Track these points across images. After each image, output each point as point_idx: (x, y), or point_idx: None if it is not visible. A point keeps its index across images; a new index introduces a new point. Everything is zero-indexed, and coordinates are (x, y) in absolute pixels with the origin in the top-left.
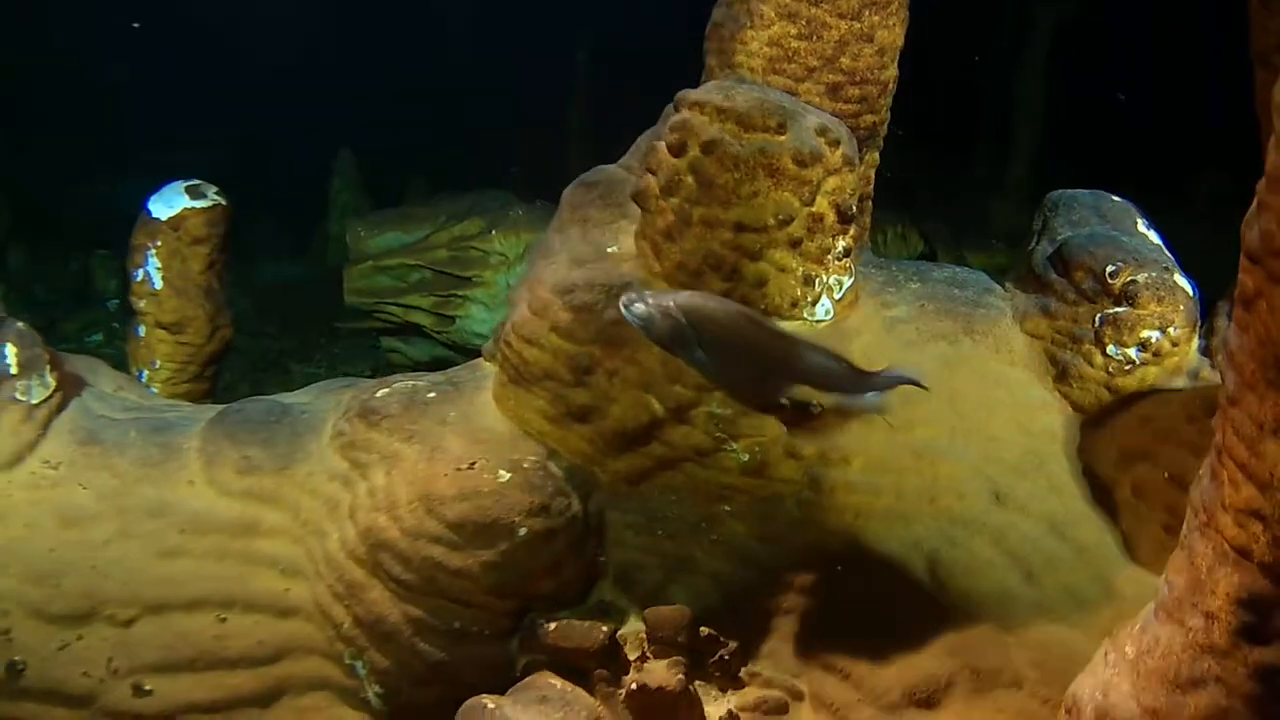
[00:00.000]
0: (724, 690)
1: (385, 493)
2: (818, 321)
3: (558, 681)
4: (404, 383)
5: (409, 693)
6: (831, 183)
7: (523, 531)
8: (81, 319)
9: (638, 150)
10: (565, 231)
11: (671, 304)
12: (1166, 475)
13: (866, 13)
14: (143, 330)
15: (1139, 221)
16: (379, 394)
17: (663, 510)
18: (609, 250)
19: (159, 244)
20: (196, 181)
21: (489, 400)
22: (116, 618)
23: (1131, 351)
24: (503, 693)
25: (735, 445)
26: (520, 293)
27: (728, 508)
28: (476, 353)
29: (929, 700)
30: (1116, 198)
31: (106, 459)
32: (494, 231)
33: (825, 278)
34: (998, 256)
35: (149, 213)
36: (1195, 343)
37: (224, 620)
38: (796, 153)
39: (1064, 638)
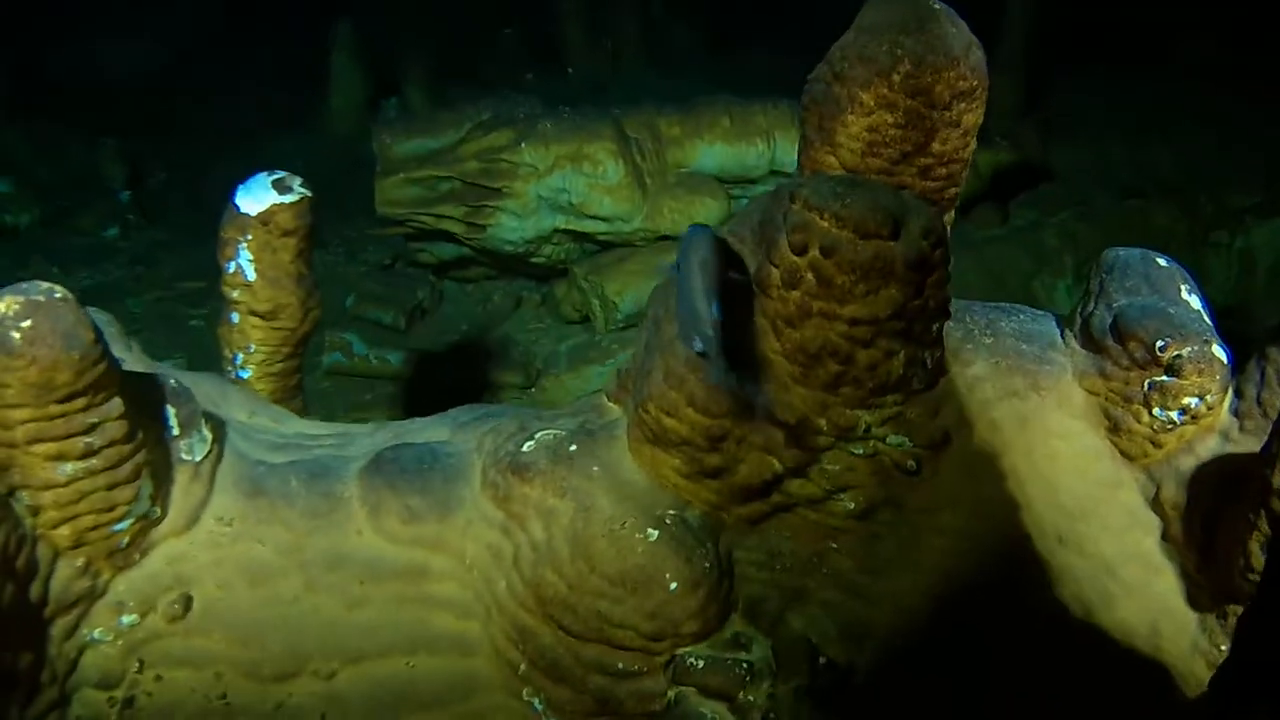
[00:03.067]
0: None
1: (547, 548)
2: (918, 392)
3: (709, 705)
4: (546, 434)
5: None
6: (934, 278)
7: (674, 586)
8: (95, 212)
9: (747, 220)
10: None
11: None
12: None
13: (955, 103)
14: (237, 318)
15: (1183, 287)
16: (525, 449)
17: (779, 547)
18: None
19: (250, 238)
20: (282, 174)
21: (624, 452)
22: (320, 672)
23: (1174, 414)
24: None
25: (844, 496)
26: (650, 359)
27: (835, 545)
28: (506, 258)
29: None
30: (1163, 261)
31: (276, 512)
32: (523, 144)
33: (926, 357)
34: (1001, 155)
35: (237, 208)
36: (1227, 403)
37: (412, 666)
38: (906, 257)
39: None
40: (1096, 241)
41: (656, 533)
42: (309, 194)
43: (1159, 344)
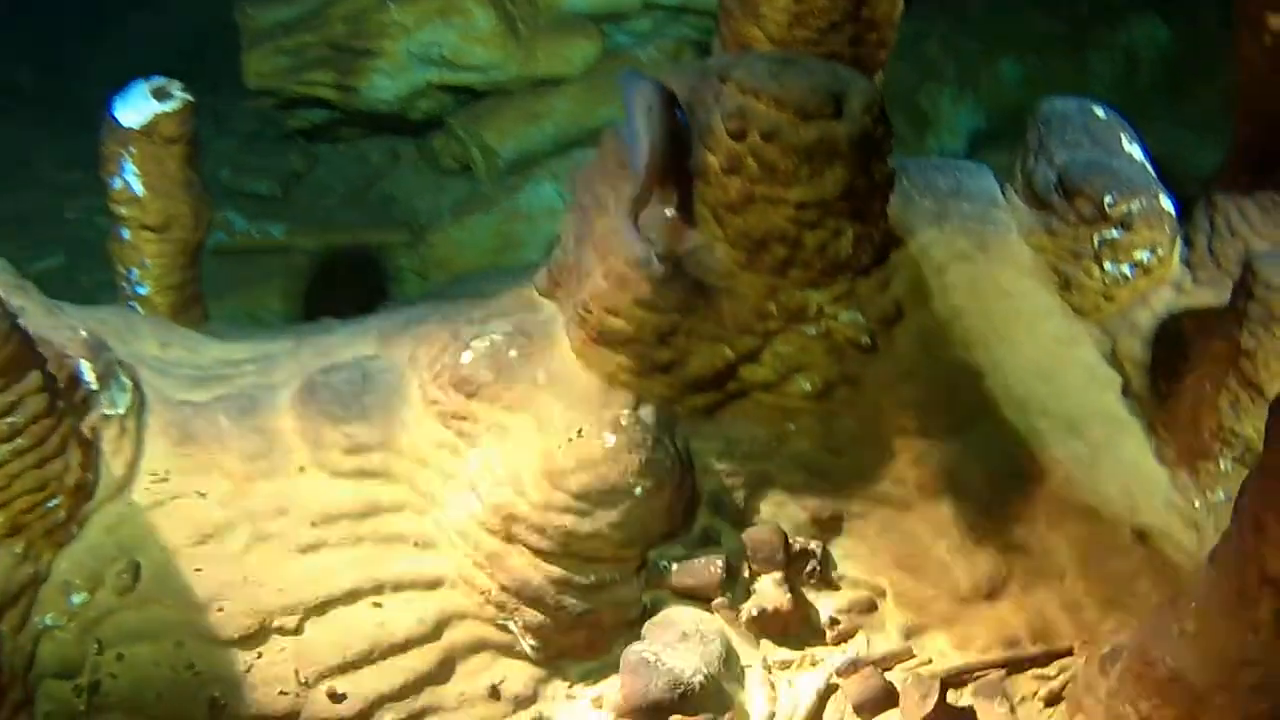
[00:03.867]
0: (817, 590)
1: (504, 467)
2: (868, 269)
3: (688, 613)
4: (482, 341)
5: (559, 640)
6: (879, 154)
7: (638, 490)
8: None
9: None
10: (615, 185)
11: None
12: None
13: None
14: (128, 233)
15: (1123, 137)
16: (465, 360)
17: (736, 434)
18: (668, 214)
19: (133, 151)
20: (160, 81)
21: (566, 352)
22: (286, 627)
23: (1125, 269)
24: (636, 628)
25: (799, 377)
26: (584, 255)
27: (793, 426)
28: (381, 118)
29: (992, 593)
30: (1101, 111)
31: (211, 457)
32: (389, 3)
33: (873, 232)
34: None
35: (116, 121)
36: (1177, 253)
37: (379, 605)
38: (850, 135)
39: (1093, 530)
40: (976, 50)
41: (614, 437)
42: (190, 98)
43: (1107, 199)
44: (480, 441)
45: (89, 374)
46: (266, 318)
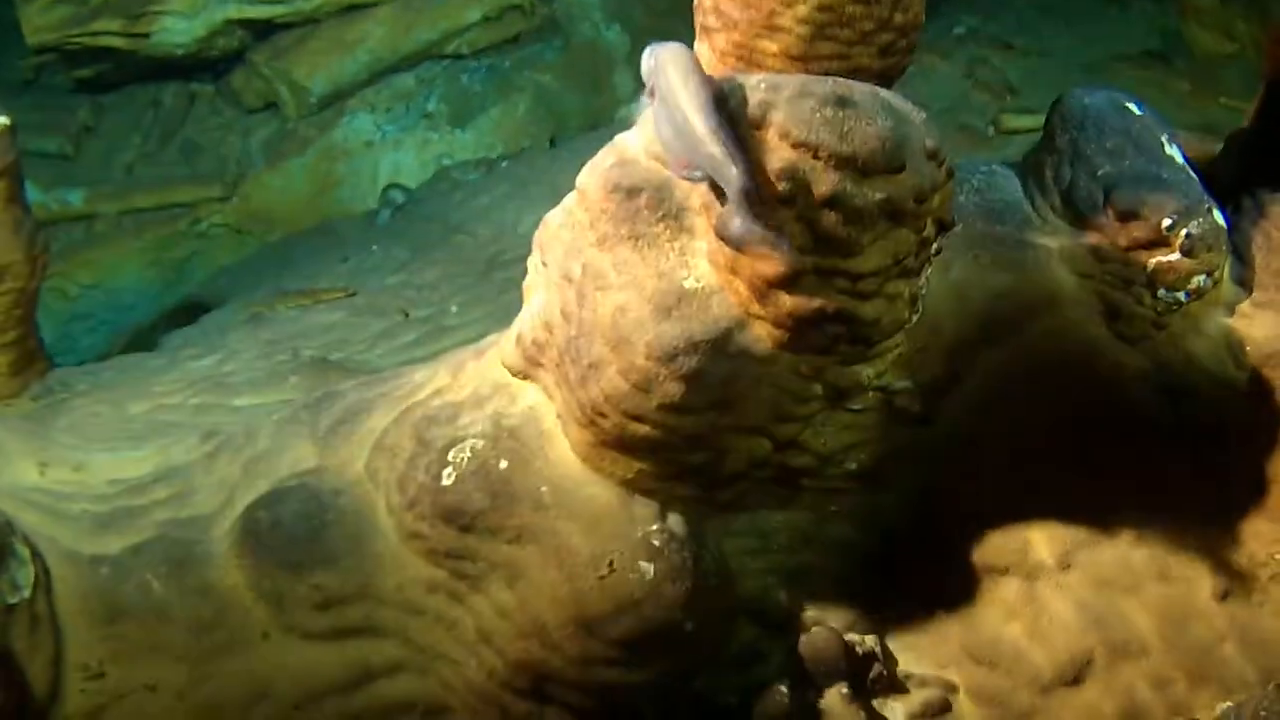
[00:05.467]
0: (885, 695)
1: (523, 614)
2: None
3: None
4: (460, 451)
5: None
6: (938, 199)
7: (690, 626)
8: None
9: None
10: (614, 250)
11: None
12: None
13: None
14: None
15: (1163, 139)
16: (446, 479)
17: (773, 524)
18: (685, 284)
19: None
20: None
21: (567, 455)
22: None
23: (1181, 295)
24: None
25: (845, 457)
26: (588, 344)
27: (835, 507)
28: (173, 66)
29: (1077, 678)
30: (1135, 107)
31: (151, 638)
32: None
33: (924, 288)
34: None
35: None
36: (1228, 271)
37: None
38: (918, 192)
39: (1180, 598)
40: None
41: (652, 566)
42: (7, 121)
43: (1166, 223)
44: (486, 584)
45: None
46: (77, 294)
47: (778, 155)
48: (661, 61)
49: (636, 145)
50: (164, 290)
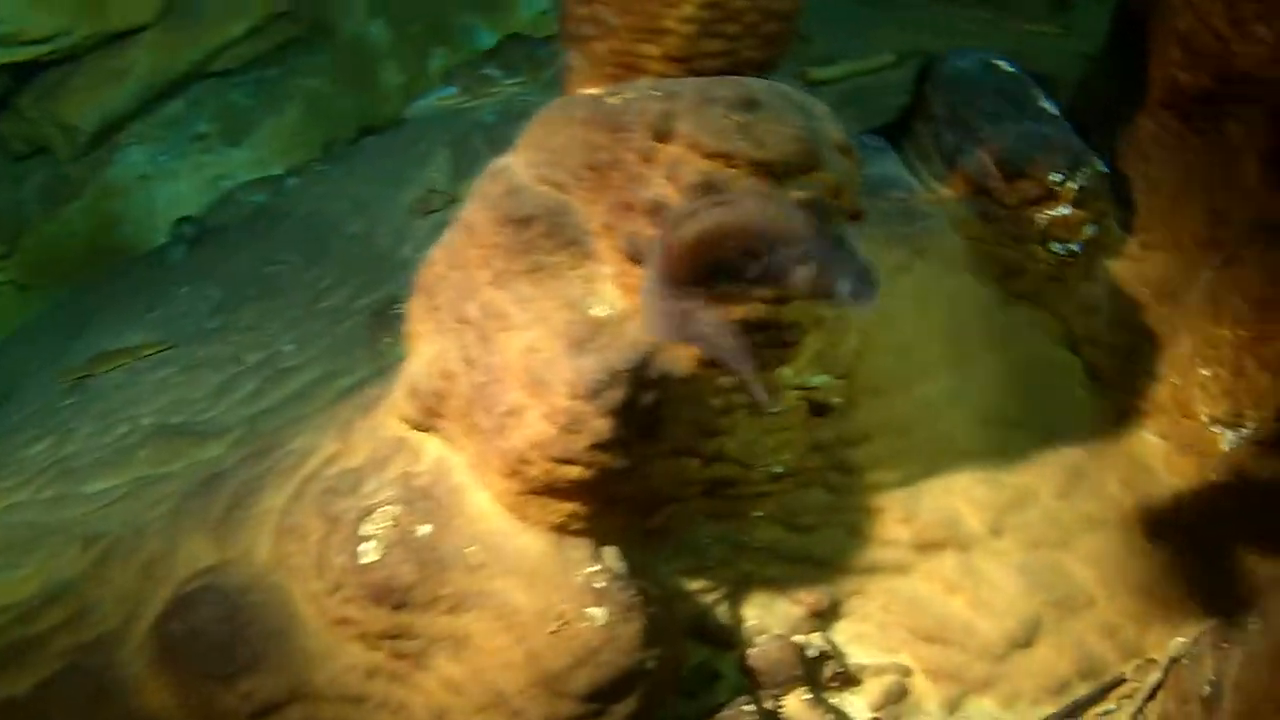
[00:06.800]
0: (841, 691)
1: (477, 685)
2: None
3: None
4: (375, 523)
5: None
6: (850, 191)
7: (650, 664)
8: None
9: (559, 152)
10: (513, 286)
11: None
12: None
13: None
14: None
15: (1035, 93)
16: (366, 556)
17: (702, 540)
18: (593, 313)
19: None
20: None
21: (487, 507)
22: None
23: (1074, 246)
24: None
25: (767, 461)
26: (500, 390)
27: (760, 512)
28: None
29: (1028, 640)
30: (1005, 64)
31: None
32: None
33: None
34: None
35: None
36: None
37: None
38: (834, 188)
39: (1114, 544)
40: None
41: (601, 610)
42: None
43: (1055, 177)
44: (430, 660)
45: None
46: None
47: (691, 168)
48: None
49: (523, 171)
50: None
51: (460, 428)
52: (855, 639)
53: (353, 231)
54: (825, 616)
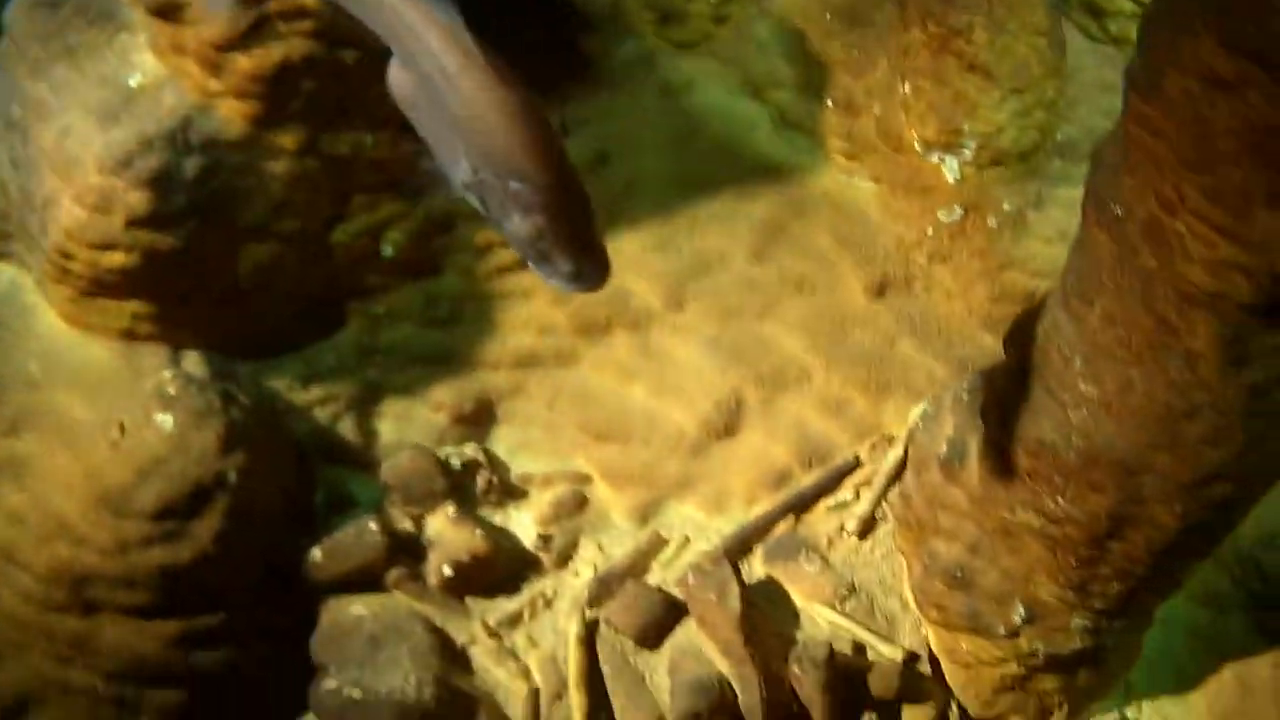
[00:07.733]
0: (503, 506)
1: (40, 513)
2: None
3: (362, 608)
4: None
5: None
6: None
7: (232, 475)
8: None
9: None
10: (49, 74)
11: None
12: None
13: None
14: None
15: None
16: None
17: (314, 347)
18: (131, 83)
19: None
20: None
21: (56, 324)
22: None
23: None
24: (301, 653)
25: (382, 241)
26: (39, 183)
27: (382, 310)
28: None
29: (730, 426)
30: None
31: None
32: None
33: None
34: None
35: None
36: None
37: None
38: None
39: (822, 303)
40: None
41: (169, 416)
42: None
43: None
44: None
45: None
46: None
47: None
48: None
49: None
50: None
51: (23, 244)
52: (520, 446)
53: None
54: (478, 423)
